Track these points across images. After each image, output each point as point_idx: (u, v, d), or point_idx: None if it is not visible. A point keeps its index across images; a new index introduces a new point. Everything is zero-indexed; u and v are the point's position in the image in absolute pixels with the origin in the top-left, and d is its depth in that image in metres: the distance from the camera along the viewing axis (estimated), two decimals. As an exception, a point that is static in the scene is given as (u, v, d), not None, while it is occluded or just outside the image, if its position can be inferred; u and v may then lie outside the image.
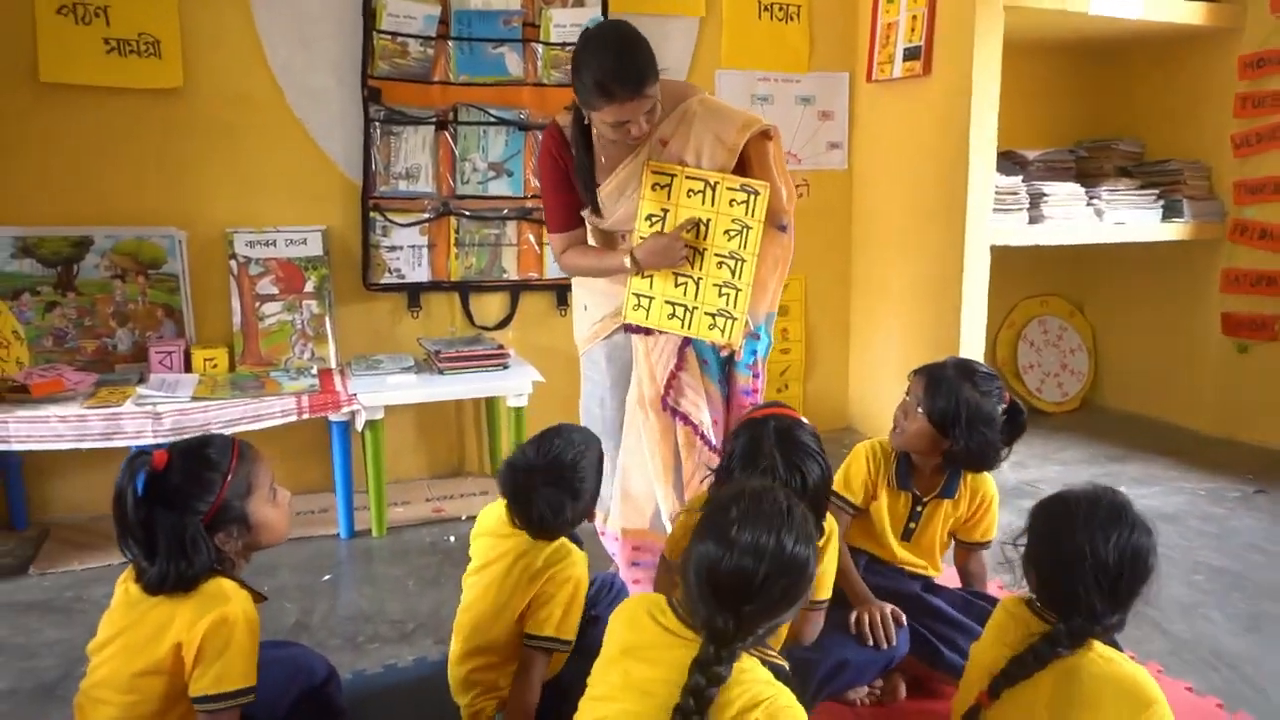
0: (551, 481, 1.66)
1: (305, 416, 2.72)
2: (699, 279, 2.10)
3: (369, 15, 3.01)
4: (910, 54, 3.45)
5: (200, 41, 2.92)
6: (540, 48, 3.22)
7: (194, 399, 2.64)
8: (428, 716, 1.82)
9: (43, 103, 2.80)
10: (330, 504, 2.98)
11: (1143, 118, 4.06)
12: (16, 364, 2.72)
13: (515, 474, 1.68)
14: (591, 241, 2.24)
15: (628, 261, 2.10)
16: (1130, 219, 3.65)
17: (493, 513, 1.78)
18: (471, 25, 3.13)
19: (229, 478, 1.45)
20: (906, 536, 2.06)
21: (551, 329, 3.43)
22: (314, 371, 2.96)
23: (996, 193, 3.36)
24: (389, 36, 3.03)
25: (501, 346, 3.09)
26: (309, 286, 3.08)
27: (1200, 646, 2.17)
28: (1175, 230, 3.67)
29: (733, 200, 2.04)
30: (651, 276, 2.12)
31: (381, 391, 2.82)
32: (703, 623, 1.24)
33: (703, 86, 3.44)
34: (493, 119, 3.20)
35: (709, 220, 2.06)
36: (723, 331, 2.10)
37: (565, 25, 3.22)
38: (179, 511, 1.41)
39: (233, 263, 3.00)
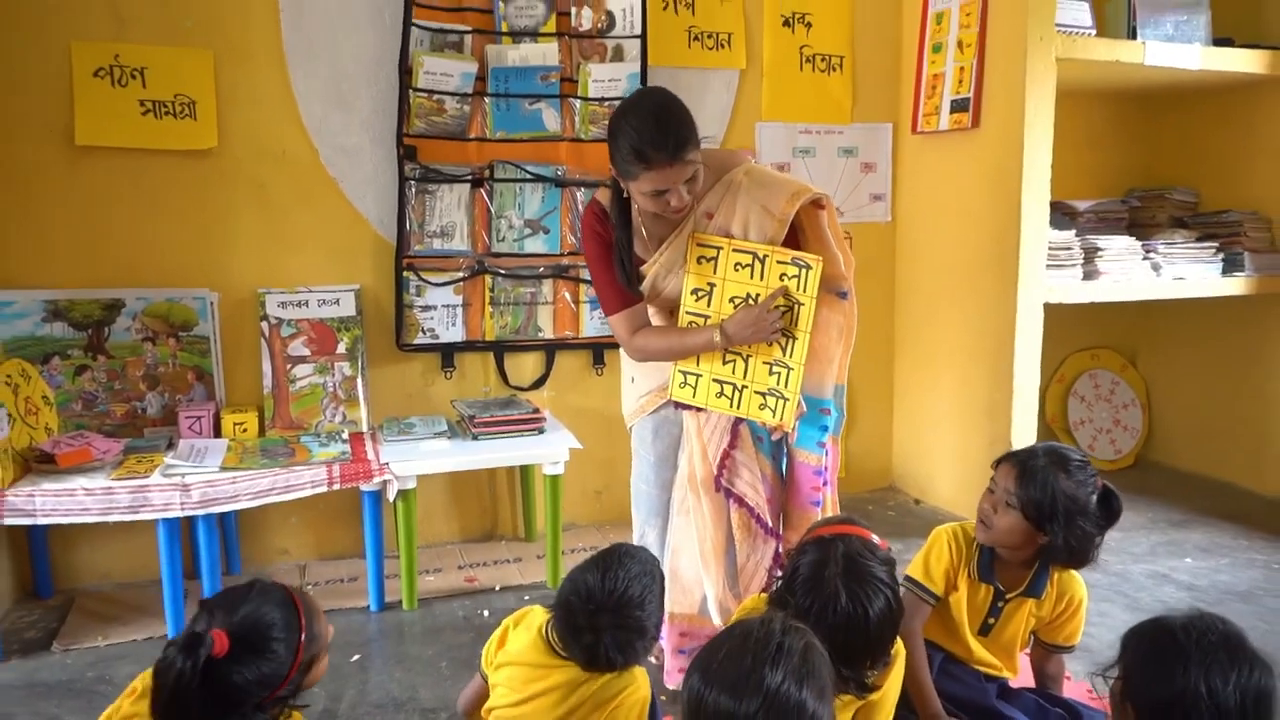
0: (620, 623, 1.52)
1: (335, 487, 2.63)
2: (748, 356, 2.00)
3: (405, 73, 2.96)
4: (958, 106, 3.35)
5: (235, 101, 2.88)
6: (578, 103, 3.16)
7: (223, 469, 2.56)
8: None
9: (77, 165, 2.77)
10: (360, 571, 2.89)
11: (1197, 166, 3.92)
12: (45, 430, 2.67)
13: (576, 614, 1.53)
14: (655, 320, 2.13)
15: (717, 336, 1.97)
16: (1190, 273, 3.50)
17: (523, 638, 1.62)
18: (509, 82, 3.08)
19: (300, 650, 1.34)
20: (984, 632, 1.93)
21: (588, 389, 3.33)
22: (345, 436, 2.88)
23: (1049, 248, 3.24)
24: (425, 94, 2.98)
25: (537, 410, 2.99)
26: (341, 347, 3.01)
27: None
28: (1238, 285, 3.52)
29: (783, 275, 1.94)
30: (698, 355, 2.03)
31: (414, 460, 2.73)
32: None
33: (743, 140, 3.45)
34: (529, 175, 3.13)
35: (758, 295, 1.96)
36: (774, 412, 1.99)
37: (603, 80, 3.15)
38: (246, 694, 1.30)
39: (264, 324, 2.94)
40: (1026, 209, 3.13)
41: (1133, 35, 3.29)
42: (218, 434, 2.83)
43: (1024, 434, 3.24)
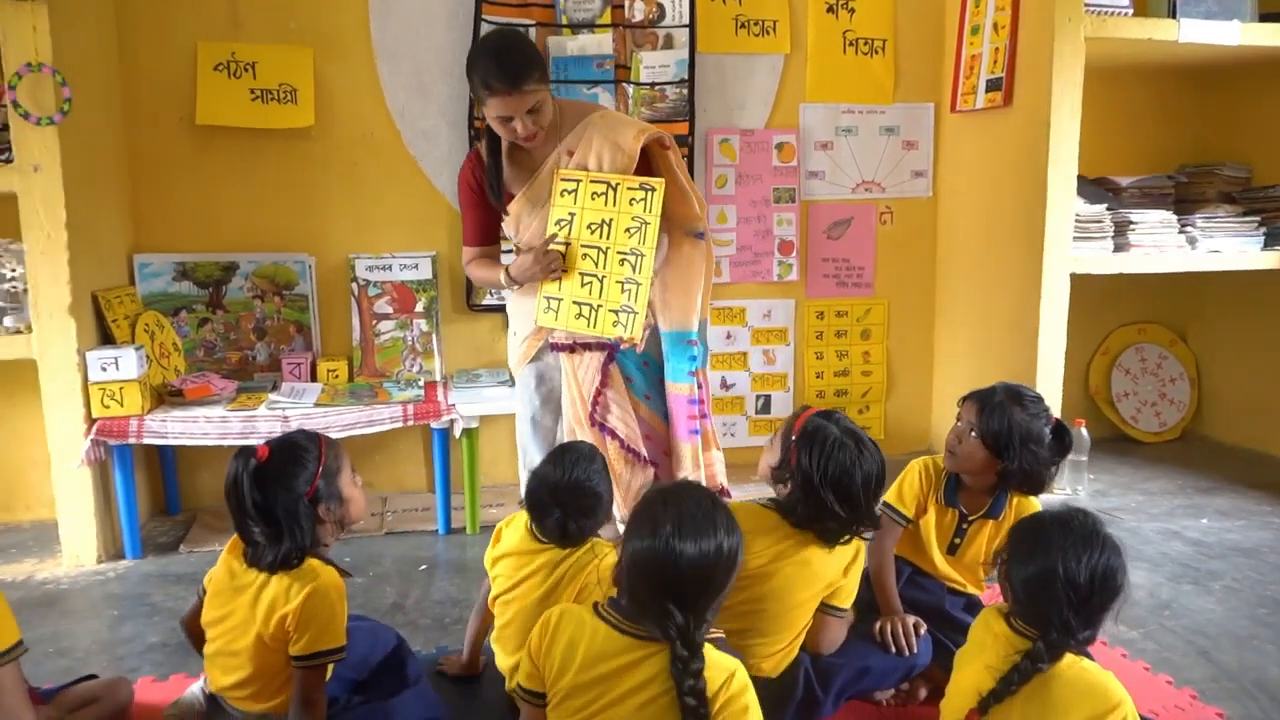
0: (577, 501, 1.85)
1: (410, 423, 3.04)
2: (603, 276, 2.23)
3: (476, 63, 3.34)
4: (992, 85, 3.52)
5: (331, 90, 3.32)
6: (631, 88, 3.48)
7: (317, 405, 3.01)
8: (498, 692, 2.06)
9: (199, 145, 3.26)
10: (431, 504, 3.30)
11: (1251, 142, 3.96)
12: (175, 371, 3.17)
13: (541, 497, 1.87)
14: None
15: (502, 276, 2.31)
16: (1227, 247, 3.58)
17: (514, 534, 1.94)
18: (568, 69, 3.42)
19: (321, 458, 1.73)
20: (951, 551, 2.17)
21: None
22: (420, 384, 3.30)
23: (1078, 221, 3.38)
24: (494, 81, 3.35)
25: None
26: (419, 307, 3.43)
27: (1244, 676, 2.17)
28: (1275, 259, 3.57)
29: (632, 199, 2.19)
30: (560, 279, 2.28)
31: (477, 403, 3.11)
32: (656, 623, 1.37)
33: (788, 121, 3.70)
34: (586, 154, 3.47)
35: (611, 220, 2.21)
36: (625, 327, 2.22)
37: (654, 66, 3.46)
38: (288, 490, 1.69)
39: (354, 285, 3.38)
40: (1053, 181, 3.29)
41: (1172, 13, 3.37)
42: (314, 379, 3.29)
43: (1049, 399, 3.38)
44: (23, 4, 2.65)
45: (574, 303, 2.27)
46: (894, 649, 1.94)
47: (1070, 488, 3.50)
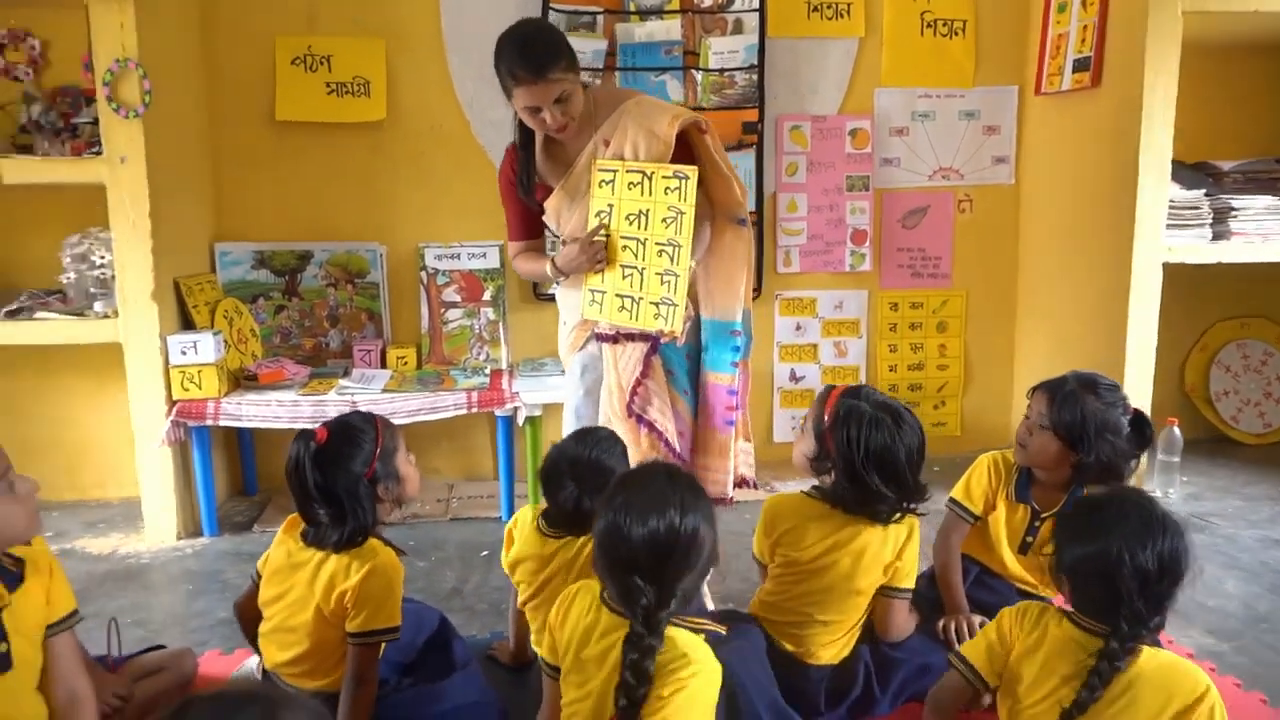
0: (593, 482, 1.78)
1: (474, 410, 3.07)
2: (643, 269, 2.18)
3: (544, 52, 3.34)
4: (1080, 65, 3.35)
5: (402, 82, 3.37)
6: (699, 74, 3.43)
7: (384, 391, 3.06)
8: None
9: (277, 138, 3.35)
10: (496, 491, 3.32)
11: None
12: (251, 356, 3.27)
13: (559, 470, 1.83)
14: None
15: (549, 268, 2.27)
16: (1341, 235, 3.33)
17: (523, 533, 1.90)
18: (636, 56, 3.39)
19: (379, 439, 1.75)
20: (1024, 551, 2.07)
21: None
22: (487, 371, 3.32)
23: (1173, 207, 3.19)
24: (562, 70, 3.35)
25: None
26: (486, 295, 3.46)
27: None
28: (1396, 248, 3.31)
29: (667, 188, 2.11)
30: (603, 272, 2.24)
31: (541, 391, 3.12)
32: (623, 600, 1.34)
33: (862, 106, 3.59)
34: (653, 142, 3.44)
35: (648, 210, 2.15)
36: (665, 319, 2.16)
37: (723, 52, 3.41)
38: (348, 471, 1.71)
39: (423, 273, 3.43)
40: (1145, 166, 3.11)
41: (1281, -18, 3.16)
42: (384, 366, 3.35)
43: (1138, 397, 3.22)
44: (111, 2, 2.76)
45: (617, 295, 2.24)
46: (957, 648, 1.86)
47: (1161, 490, 3.31)
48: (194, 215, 3.23)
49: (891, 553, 1.79)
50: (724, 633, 1.42)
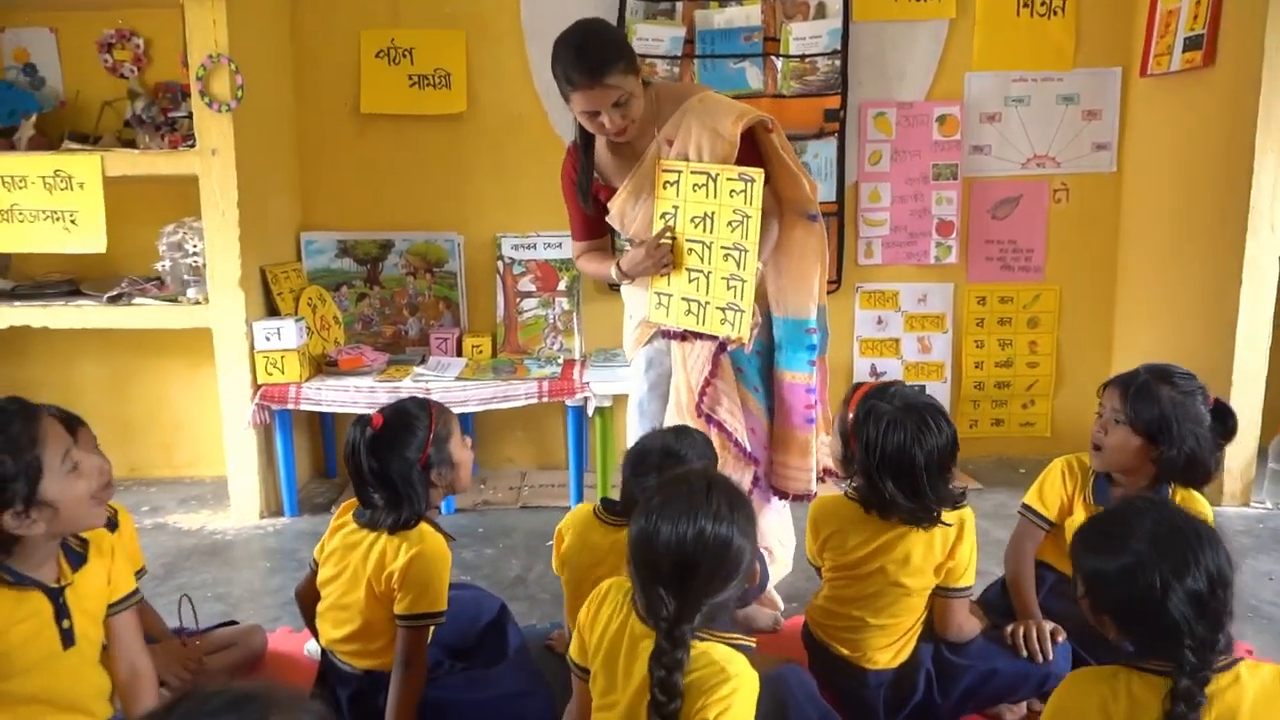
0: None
1: (544, 400, 3.08)
2: (708, 273, 2.12)
3: (621, 41, 3.32)
4: (1191, 43, 3.13)
5: (482, 73, 3.40)
6: (780, 61, 3.35)
7: (458, 379, 3.10)
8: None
9: (361, 130, 3.43)
10: (567, 481, 3.33)
11: None
12: (334, 343, 3.36)
13: (650, 456, 1.81)
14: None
15: (613, 270, 2.21)
16: None
17: (577, 527, 1.89)
18: (714, 43, 3.34)
19: (432, 426, 1.76)
20: (1104, 559, 1.94)
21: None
22: (560, 361, 3.33)
23: (1292, 196, 2.96)
24: (639, 58, 3.32)
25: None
26: (562, 285, 3.47)
27: None
28: None
29: (732, 191, 2.04)
30: (669, 275, 2.18)
31: (612, 382, 3.10)
32: (648, 611, 1.28)
33: (951, 92, 3.45)
34: (731, 131, 3.38)
35: (713, 212, 2.08)
36: (733, 326, 2.10)
37: (805, 38, 3.32)
38: (401, 457, 1.72)
39: (499, 263, 3.46)
40: (1261, 151, 2.89)
41: None
42: (460, 354, 3.39)
43: (1247, 399, 3.01)
44: (205, 0, 2.87)
45: (683, 299, 2.20)
46: (1025, 654, 1.76)
47: (1270, 500, 3.08)
48: (281, 205, 3.34)
49: (941, 553, 1.70)
50: (754, 645, 1.35)
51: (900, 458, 1.63)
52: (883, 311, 3.61)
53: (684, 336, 2.26)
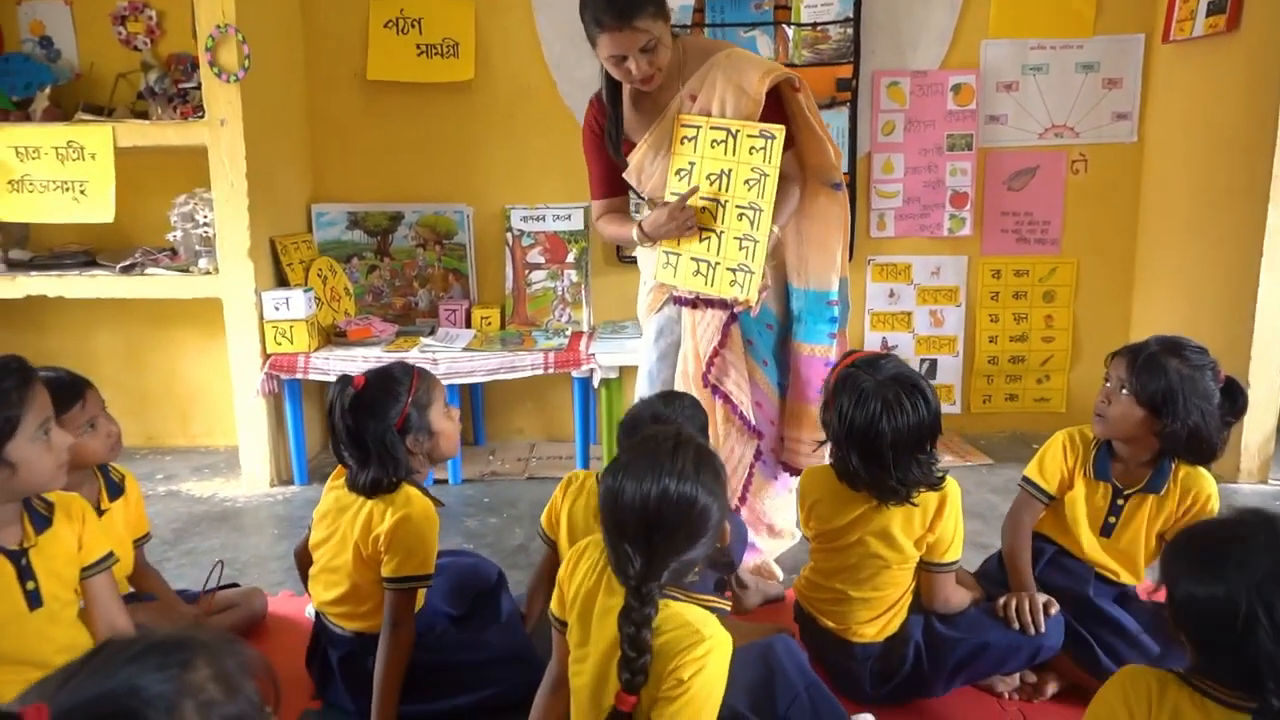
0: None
1: (550, 371, 3.09)
2: (721, 232, 2.07)
3: (630, 9, 3.29)
4: (1215, 7, 3.03)
5: (490, 44, 3.39)
6: (791, 29, 3.30)
7: (465, 350, 3.12)
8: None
9: (371, 102, 3.43)
10: (574, 452, 3.34)
11: None
12: (345, 314, 3.39)
13: (643, 419, 1.81)
14: (648, 211, 2.26)
15: (634, 232, 2.15)
16: None
17: (576, 507, 1.88)
18: (724, 11, 3.29)
19: (412, 391, 1.77)
20: (1106, 533, 1.91)
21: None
22: (567, 333, 3.33)
23: (1318, 166, 2.87)
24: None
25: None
26: (570, 257, 3.46)
27: None
28: None
29: (752, 148, 2.00)
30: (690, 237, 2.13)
31: (619, 354, 3.10)
32: (617, 568, 1.28)
33: (967, 61, 3.38)
34: (741, 101, 3.34)
35: (730, 170, 2.03)
36: (742, 287, 2.06)
37: (816, 5, 3.27)
38: (377, 420, 1.74)
39: (508, 235, 3.46)
40: (1285, 120, 2.81)
41: None
42: (469, 325, 3.40)
43: (1266, 375, 2.94)
44: (211, -31, 2.88)
45: (691, 259, 2.15)
46: (1018, 626, 1.74)
47: (1291, 480, 3.02)
48: (291, 176, 3.35)
49: (921, 526, 1.68)
50: (728, 608, 1.34)
51: (867, 432, 1.61)
52: (895, 285, 3.57)
53: (695, 303, 2.23)
